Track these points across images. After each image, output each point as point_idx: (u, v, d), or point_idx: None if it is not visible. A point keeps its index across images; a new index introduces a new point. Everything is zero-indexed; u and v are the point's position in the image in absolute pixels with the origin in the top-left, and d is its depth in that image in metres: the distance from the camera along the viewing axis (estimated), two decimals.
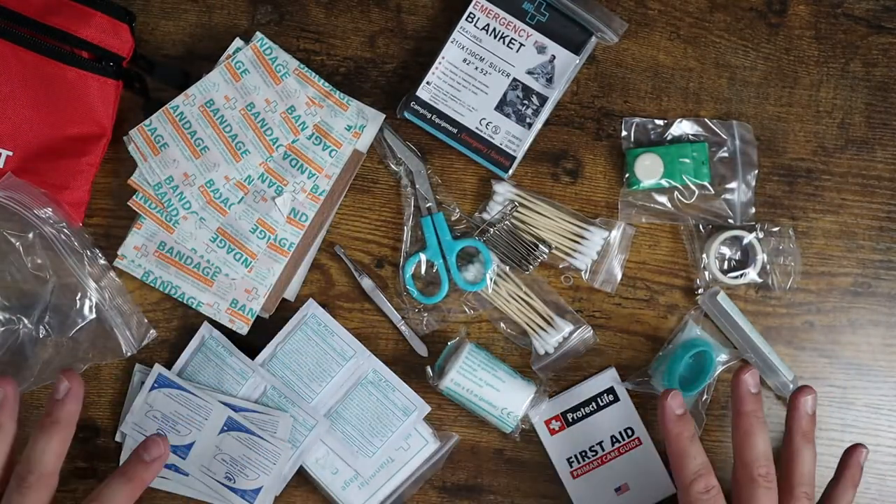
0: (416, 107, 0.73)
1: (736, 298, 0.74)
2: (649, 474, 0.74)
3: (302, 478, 0.73)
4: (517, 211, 0.73)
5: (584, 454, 0.74)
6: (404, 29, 0.75)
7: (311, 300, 0.73)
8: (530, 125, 0.73)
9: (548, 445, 0.74)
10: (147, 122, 0.71)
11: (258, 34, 0.72)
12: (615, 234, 0.74)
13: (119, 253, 0.72)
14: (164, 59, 0.74)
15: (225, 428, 0.71)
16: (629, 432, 0.74)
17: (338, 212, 0.74)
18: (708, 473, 0.65)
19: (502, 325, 0.74)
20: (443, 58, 0.73)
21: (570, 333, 0.73)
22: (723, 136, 0.74)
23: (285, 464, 0.71)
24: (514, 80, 0.73)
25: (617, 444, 0.74)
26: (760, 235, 0.73)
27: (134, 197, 0.72)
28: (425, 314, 0.74)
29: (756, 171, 0.74)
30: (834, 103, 0.75)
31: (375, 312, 0.74)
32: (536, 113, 0.73)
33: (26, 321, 0.69)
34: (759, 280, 0.74)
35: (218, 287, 0.72)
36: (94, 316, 0.71)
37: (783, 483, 0.66)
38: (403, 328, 0.74)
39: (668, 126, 0.74)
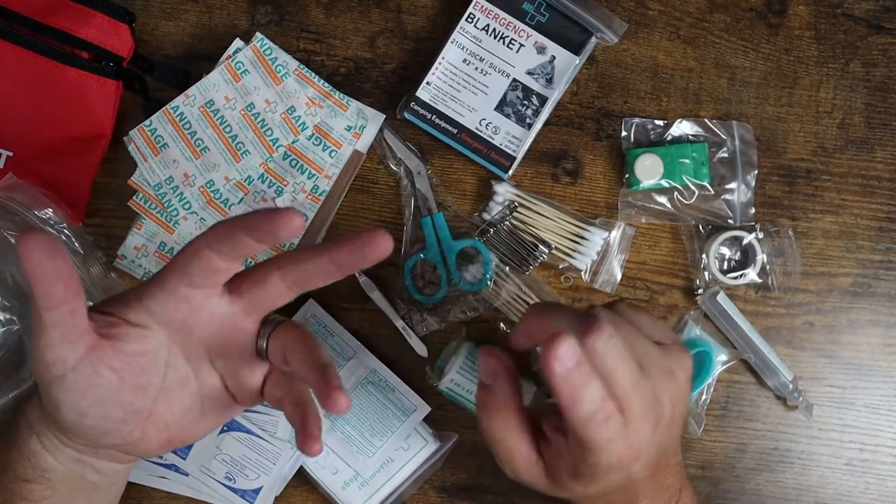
0: (415, 107, 0.73)
1: (736, 299, 0.74)
2: None
3: (302, 478, 0.73)
4: (517, 211, 0.73)
5: None
6: (404, 29, 0.75)
7: (311, 300, 0.73)
8: (530, 125, 0.73)
9: None
10: (147, 122, 0.71)
11: (258, 34, 0.72)
12: (615, 235, 0.74)
13: (119, 253, 0.72)
14: (164, 59, 0.74)
15: (225, 428, 0.71)
16: None
17: (338, 212, 0.74)
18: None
19: (502, 325, 0.74)
20: (443, 58, 0.73)
21: None
22: (723, 136, 0.74)
23: (285, 464, 0.71)
24: (514, 80, 0.73)
25: None
26: (760, 236, 0.73)
27: (134, 197, 0.72)
28: (425, 314, 0.74)
29: (756, 172, 0.74)
30: (834, 103, 0.75)
31: (375, 312, 0.74)
32: (536, 113, 0.73)
33: (26, 321, 0.69)
34: (759, 280, 0.74)
35: None
36: None
37: None
38: (403, 328, 0.74)
39: (667, 126, 0.74)
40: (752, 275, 0.73)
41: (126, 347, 0.49)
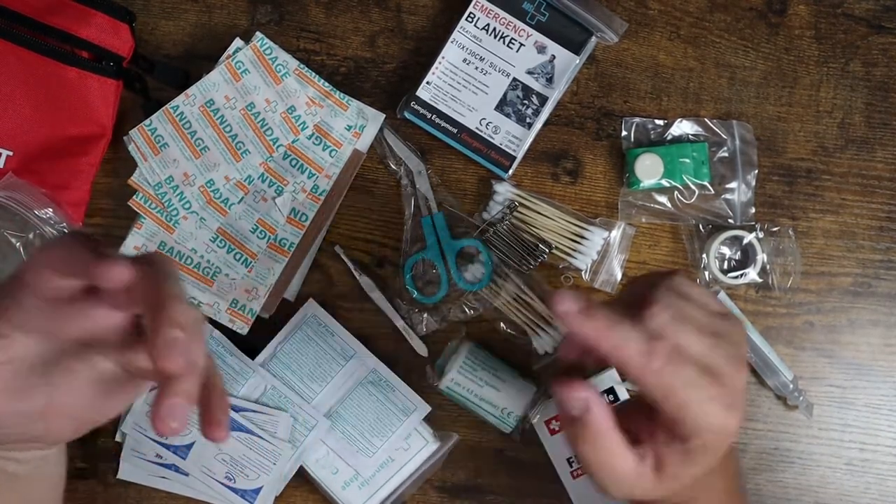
0: (416, 107, 0.73)
1: (736, 298, 0.74)
2: None
3: (302, 478, 0.73)
4: (517, 211, 0.73)
5: None
6: (404, 29, 0.75)
7: (311, 300, 0.73)
8: (530, 125, 0.73)
9: (548, 445, 0.74)
10: (147, 122, 0.71)
11: (258, 34, 0.72)
12: (615, 234, 0.74)
13: (119, 252, 0.72)
14: (164, 59, 0.74)
15: None
16: None
17: (338, 212, 0.74)
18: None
19: (502, 325, 0.74)
20: (443, 58, 0.73)
21: None
22: (723, 136, 0.74)
23: (285, 464, 0.71)
24: (514, 79, 0.73)
25: None
26: (760, 235, 0.73)
27: (134, 197, 0.72)
28: (425, 314, 0.74)
29: (756, 171, 0.74)
30: (834, 103, 0.75)
31: (375, 312, 0.74)
32: (536, 113, 0.73)
33: None
34: (759, 280, 0.74)
35: (218, 287, 0.72)
36: None
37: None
38: (403, 328, 0.73)
39: (668, 126, 0.74)
40: (752, 274, 0.73)
41: None
